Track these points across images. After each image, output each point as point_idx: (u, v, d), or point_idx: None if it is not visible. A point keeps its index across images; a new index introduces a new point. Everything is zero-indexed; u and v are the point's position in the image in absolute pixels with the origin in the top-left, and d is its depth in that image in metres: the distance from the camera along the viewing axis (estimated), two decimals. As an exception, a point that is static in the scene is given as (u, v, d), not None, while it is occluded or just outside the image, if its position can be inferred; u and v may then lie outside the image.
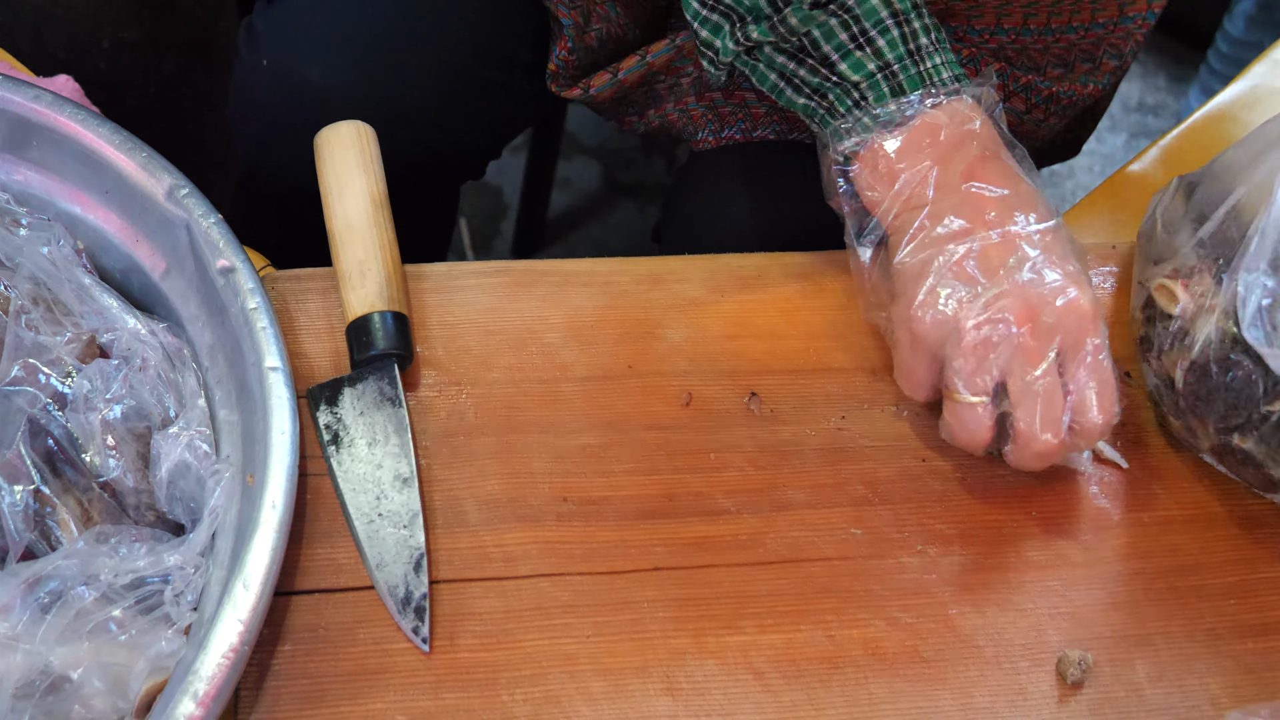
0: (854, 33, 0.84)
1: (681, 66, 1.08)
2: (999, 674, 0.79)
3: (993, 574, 0.83)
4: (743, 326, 0.91)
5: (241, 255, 0.82)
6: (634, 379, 0.88)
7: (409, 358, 0.85)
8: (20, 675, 0.68)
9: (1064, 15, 0.98)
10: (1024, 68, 1.02)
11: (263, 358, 0.78)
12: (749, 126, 1.08)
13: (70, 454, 0.77)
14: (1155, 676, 0.80)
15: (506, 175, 2.04)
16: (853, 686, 0.77)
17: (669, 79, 1.09)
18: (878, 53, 0.84)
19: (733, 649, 0.78)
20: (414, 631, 0.76)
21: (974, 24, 0.99)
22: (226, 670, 0.68)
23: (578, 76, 1.09)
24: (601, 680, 0.76)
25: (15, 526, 0.74)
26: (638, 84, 1.09)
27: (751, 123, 1.08)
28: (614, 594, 0.79)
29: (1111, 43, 1.02)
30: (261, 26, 1.11)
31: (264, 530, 0.72)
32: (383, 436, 0.82)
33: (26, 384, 0.77)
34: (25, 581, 0.71)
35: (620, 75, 1.07)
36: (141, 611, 0.71)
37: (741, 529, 0.82)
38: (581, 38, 1.06)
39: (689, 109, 1.11)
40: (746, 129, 1.08)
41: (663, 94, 1.11)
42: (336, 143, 0.90)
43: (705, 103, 1.10)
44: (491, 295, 0.90)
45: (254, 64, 1.11)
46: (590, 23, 1.06)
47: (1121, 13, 0.99)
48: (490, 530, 0.80)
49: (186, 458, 0.77)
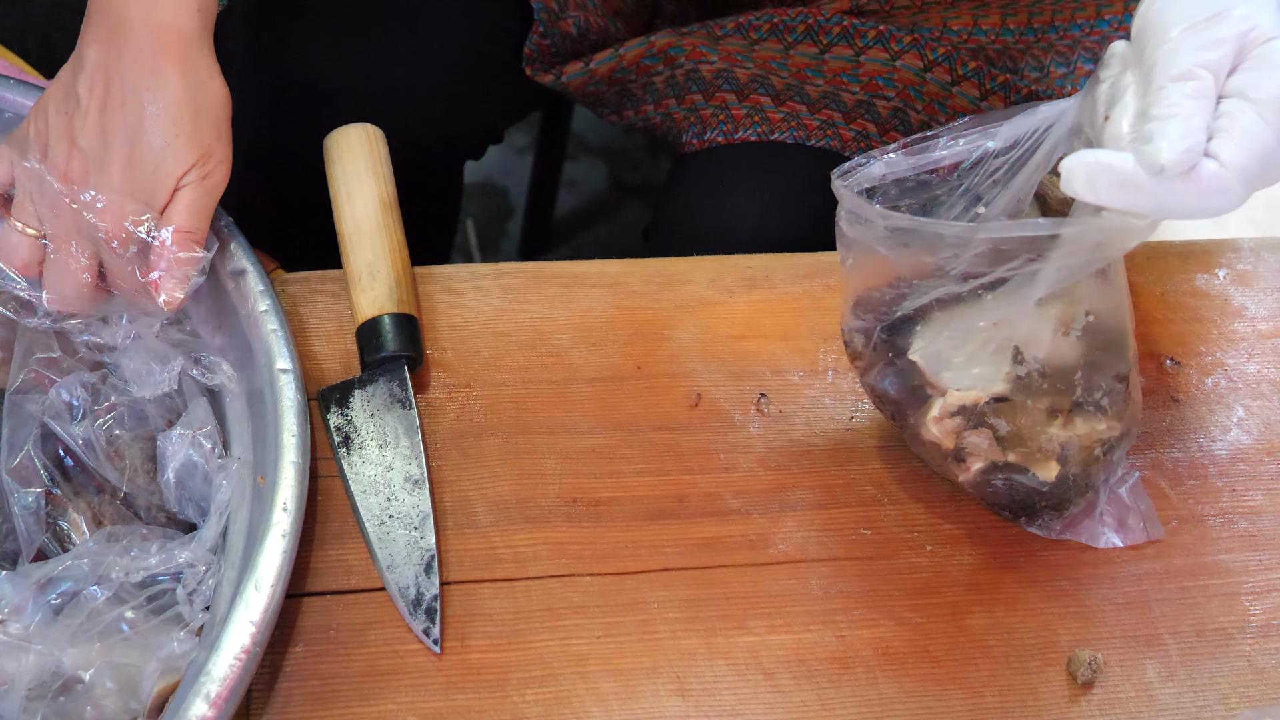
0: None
1: (652, 65, 1.08)
2: (1009, 674, 0.79)
3: (1002, 574, 0.83)
4: (751, 327, 0.91)
5: (252, 258, 0.82)
6: (643, 380, 0.88)
7: (419, 360, 0.85)
8: (32, 676, 0.69)
9: (1045, 15, 0.98)
10: (1003, 68, 1.02)
11: (273, 360, 0.79)
12: (730, 129, 1.08)
13: (80, 458, 0.77)
14: (1166, 676, 0.80)
15: (513, 176, 2.04)
16: (863, 686, 0.78)
17: (640, 78, 1.10)
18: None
19: (743, 649, 0.78)
20: (425, 633, 0.76)
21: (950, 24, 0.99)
22: (239, 671, 0.68)
23: (553, 63, 1.09)
24: (612, 681, 0.76)
25: (27, 528, 0.74)
26: (608, 77, 1.09)
27: (733, 125, 1.08)
28: (624, 595, 0.79)
29: (1087, 46, 1.02)
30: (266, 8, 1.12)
31: (275, 532, 0.72)
32: (393, 438, 0.82)
33: (37, 390, 0.77)
34: (37, 582, 0.71)
35: (592, 65, 1.07)
36: (153, 612, 0.72)
37: (751, 529, 0.83)
38: (555, 23, 1.07)
39: (670, 111, 1.11)
40: (728, 131, 1.08)
41: (637, 93, 1.11)
42: (345, 145, 0.90)
43: (686, 105, 1.10)
44: (500, 297, 0.90)
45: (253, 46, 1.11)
46: (566, 9, 1.06)
47: (1098, 15, 0.99)
48: (500, 531, 0.81)
49: (192, 456, 0.77)
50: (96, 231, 0.75)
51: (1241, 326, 0.96)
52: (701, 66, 1.08)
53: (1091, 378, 0.78)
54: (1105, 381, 0.78)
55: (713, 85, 1.08)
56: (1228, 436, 0.90)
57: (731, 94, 1.07)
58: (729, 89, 1.07)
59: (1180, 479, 0.88)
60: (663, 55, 1.07)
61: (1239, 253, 1.00)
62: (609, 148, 2.10)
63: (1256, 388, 0.92)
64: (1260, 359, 0.94)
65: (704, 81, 1.08)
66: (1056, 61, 1.02)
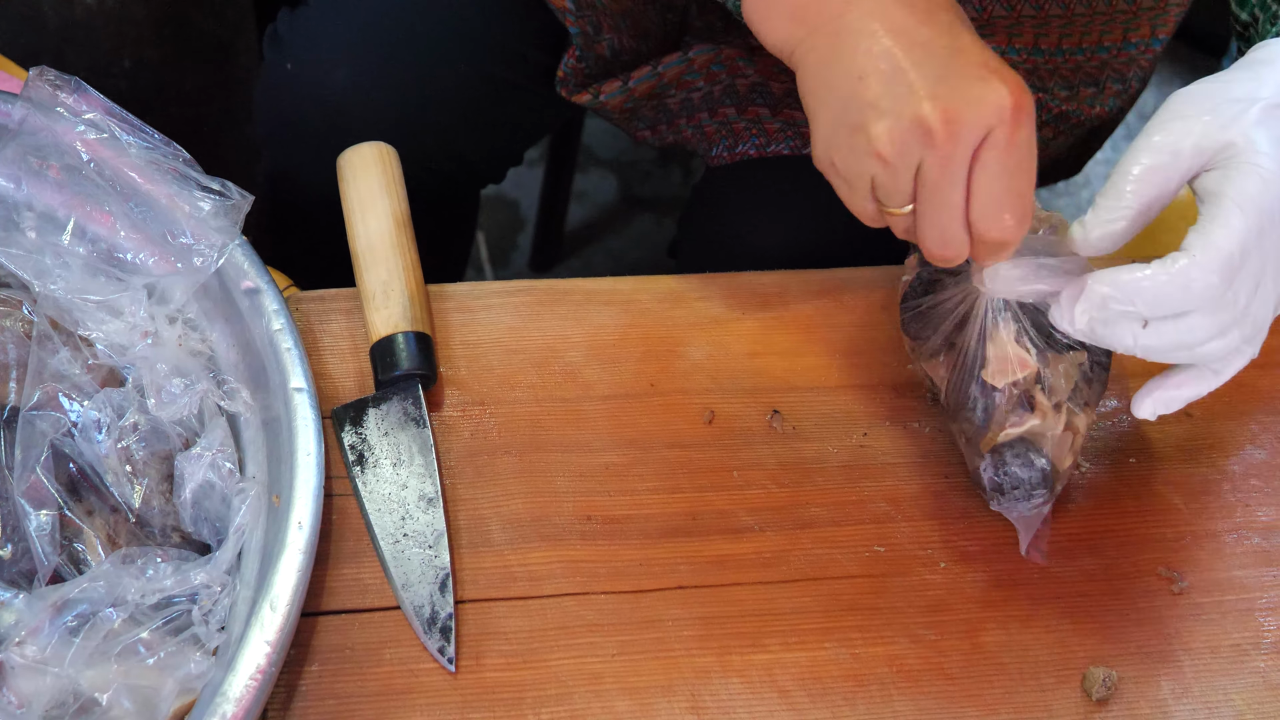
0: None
1: (692, 81, 1.08)
2: (1024, 691, 0.79)
3: (1016, 590, 0.83)
4: (764, 344, 0.91)
5: (266, 276, 0.82)
6: (656, 397, 0.88)
7: (433, 378, 0.85)
8: (50, 698, 0.69)
9: (1075, 36, 0.98)
10: (1034, 87, 1.03)
11: (288, 379, 0.79)
12: (763, 142, 1.08)
13: (93, 479, 0.77)
14: (1180, 693, 0.80)
15: (524, 189, 2.05)
16: (878, 704, 0.78)
17: (679, 93, 1.10)
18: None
19: (757, 667, 0.78)
20: (440, 651, 0.76)
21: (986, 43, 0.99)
22: (254, 692, 0.68)
23: (588, 83, 1.10)
24: (627, 699, 0.76)
25: (42, 550, 0.74)
26: (648, 95, 1.09)
27: (766, 138, 1.08)
28: (638, 613, 0.79)
29: (1115, 68, 1.02)
30: (285, 31, 1.13)
31: (290, 551, 0.73)
32: (407, 457, 0.82)
33: (49, 409, 0.77)
34: (53, 604, 0.71)
35: (631, 84, 1.07)
36: (170, 633, 0.72)
37: (765, 546, 0.83)
38: (591, 47, 1.07)
39: (702, 125, 1.11)
40: (761, 144, 1.08)
41: (673, 108, 1.12)
42: (359, 164, 0.90)
43: (719, 119, 1.10)
44: (514, 314, 0.90)
45: (278, 68, 1.12)
46: (601, 33, 1.07)
47: (1125, 38, 0.99)
48: (515, 549, 0.81)
49: (210, 477, 0.77)
50: None
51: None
52: (738, 80, 1.08)
53: (1093, 369, 0.83)
54: (1099, 375, 0.83)
55: (746, 99, 1.08)
56: (1241, 451, 0.90)
57: (765, 108, 1.08)
58: (762, 103, 1.07)
59: (1194, 494, 0.88)
60: (704, 71, 1.08)
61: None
62: (619, 160, 2.10)
63: (1271, 402, 0.92)
64: (1274, 373, 0.94)
65: (738, 95, 1.08)
66: (1085, 82, 1.03)
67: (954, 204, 0.74)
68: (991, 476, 0.81)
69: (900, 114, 0.72)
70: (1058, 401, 0.81)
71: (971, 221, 0.74)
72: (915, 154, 0.73)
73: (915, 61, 0.73)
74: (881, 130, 0.73)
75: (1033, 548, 0.82)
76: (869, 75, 0.74)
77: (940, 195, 0.73)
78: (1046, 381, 0.81)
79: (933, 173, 0.73)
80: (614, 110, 1.11)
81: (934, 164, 0.73)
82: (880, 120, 0.73)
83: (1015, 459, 0.80)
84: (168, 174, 0.82)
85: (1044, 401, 0.80)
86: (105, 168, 0.81)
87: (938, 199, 0.74)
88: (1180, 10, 0.99)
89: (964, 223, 0.74)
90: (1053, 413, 0.81)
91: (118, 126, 0.81)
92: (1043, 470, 0.80)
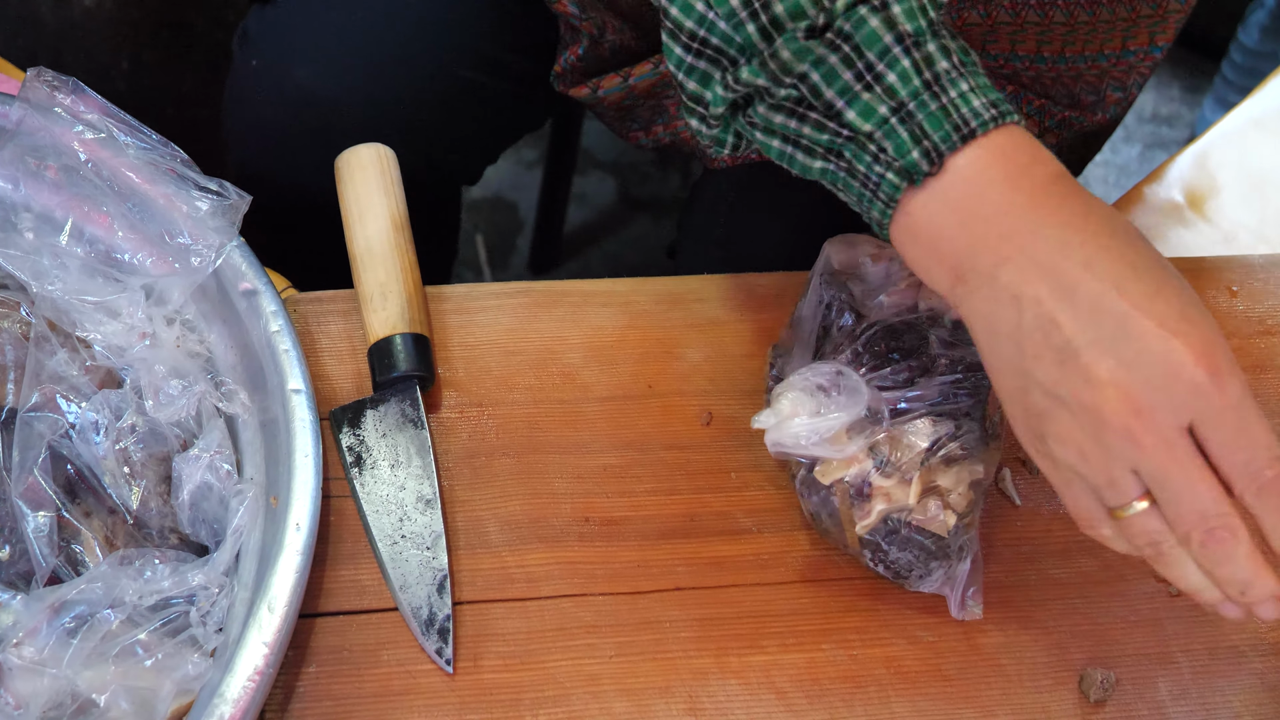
0: (859, 69, 0.68)
1: None
2: (1022, 692, 0.79)
3: (1014, 592, 0.83)
4: (762, 345, 0.91)
5: (264, 277, 0.82)
6: (654, 399, 0.88)
7: (430, 379, 0.85)
8: (47, 699, 0.69)
9: (1077, 44, 0.98)
10: (1037, 93, 1.03)
11: (285, 380, 0.79)
12: None
13: (91, 480, 0.77)
14: (1178, 694, 0.80)
15: (522, 191, 2.05)
16: (875, 705, 0.78)
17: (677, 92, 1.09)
18: (889, 91, 0.68)
19: (755, 668, 0.78)
20: (438, 653, 0.76)
21: (989, 49, 0.99)
22: (252, 693, 0.68)
23: (583, 78, 1.09)
24: (625, 700, 0.76)
25: (40, 551, 0.74)
26: (647, 92, 1.09)
27: None
28: (636, 614, 0.79)
29: (1114, 76, 1.02)
30: (254, 29, 1.12)
31: (288, 552, 0.73)
32: (405, 458, 0.82)
33: (47, 410, 0.77)
34: (51, 606, 0.71)
35: (631, 80, 1.07)
36: (168, 634, 0.72)
37: (763, 548, 0.83)
38: (595, 47, 1.07)
39: None
40: None
41: (670, 109, 1.12)
42: (357, 165, 0.90)
43: None
44: (512, 316, 0.90)
45: (245, 66, 1.11)
46: (605, 34, 1.07)
47: (1124, 45, 0.99)
48: (513, 551, 0.81)
49: (208, 479, 0.77)
50: None
51: (1253, 344, 0.96)
52: None
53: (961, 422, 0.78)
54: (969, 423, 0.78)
55: (736, 154, 1.08)
56: (1239, 453, 0.90)
57: None
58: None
59: (1192, 496, 0.88)
60: None
61: (1250, 270, 1.00)
62: (618, 162, 2.10)
63: (1266, 405, 0.92)
64: (1272, 377, 0.94)
65: None
66: (1086, 90, 1.03)
67: (1200, 493, 0.65)
68: (883, 570, 0.79)
69: (1083, 406, 0.66)
70: (906, 474, 0.76)
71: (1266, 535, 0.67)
72: (1122, 457, 0.66)
73: (1083, 328, 0.65)
74: (1064, 430, 0.67)
75: (961, 608, 0.79)
76: (1043, 355, 0.67)
77: (1180, 498, 0.66)
78: (883, 458, 0.76)
79: (1155, 475, 0.66)
80: (610, 106, 1.10)
81: (1152, 469, 0.66)
82: (1059, 414, 0.67)
83: (892, 544, 0.77)
84: (165, 174, 0.82)
85: (883, 483, 0.76)
86: (103, 168, 0.81)
87: (1181, 502, 0.66)
88: (1180, 17, 0.99)
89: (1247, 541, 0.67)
90: (900, 487, 0.76)
91: (115, 127, 0.81)
92: (922, 545, 0.77)
